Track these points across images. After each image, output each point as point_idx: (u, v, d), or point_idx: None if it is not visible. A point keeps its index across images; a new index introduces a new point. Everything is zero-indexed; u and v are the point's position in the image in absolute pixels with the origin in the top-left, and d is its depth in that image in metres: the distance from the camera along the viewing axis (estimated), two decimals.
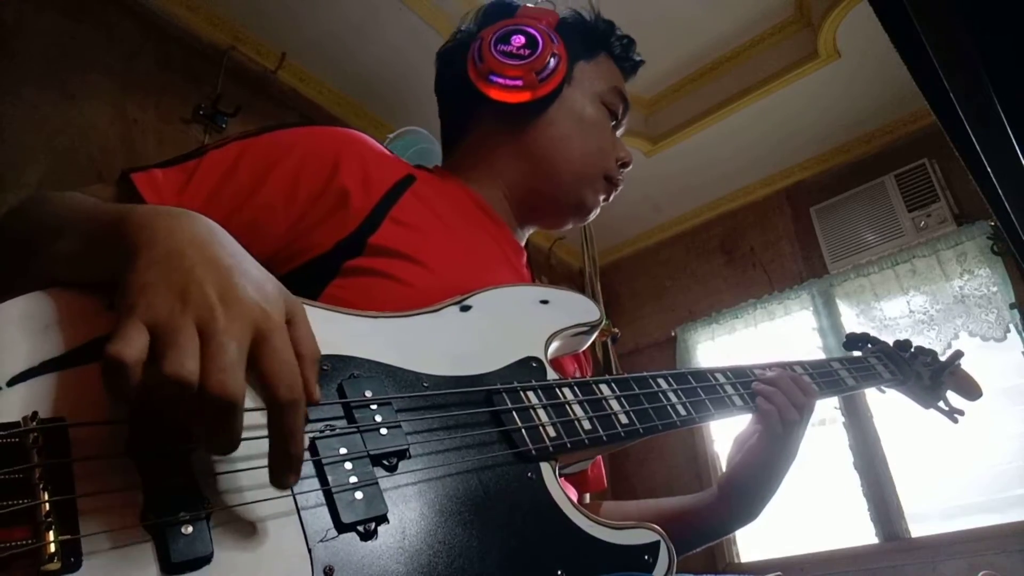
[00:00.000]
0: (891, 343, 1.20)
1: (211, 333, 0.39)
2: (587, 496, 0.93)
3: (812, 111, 3.35)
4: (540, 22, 0.90)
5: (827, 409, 3.30)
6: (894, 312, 3.22)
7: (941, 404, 1.18)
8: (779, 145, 3.57)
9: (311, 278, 0.69)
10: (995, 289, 2.98)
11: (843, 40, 2.93)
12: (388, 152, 0.83)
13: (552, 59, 0.87)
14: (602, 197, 0.94)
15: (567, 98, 0.90)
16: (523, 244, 0.96)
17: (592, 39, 0.95)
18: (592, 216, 0.95)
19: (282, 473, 0.42)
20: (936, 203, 3.20)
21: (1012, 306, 2.91)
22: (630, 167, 0.95)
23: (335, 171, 0.72)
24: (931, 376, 1.16)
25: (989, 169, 0.65)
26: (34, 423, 0.39)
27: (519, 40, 0.87)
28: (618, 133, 0.98)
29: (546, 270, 4.03)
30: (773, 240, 3.78)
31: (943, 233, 3.16)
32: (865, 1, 0.61)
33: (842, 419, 3.26)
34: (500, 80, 0.86)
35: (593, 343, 0.81)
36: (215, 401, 0.38)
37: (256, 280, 0.45)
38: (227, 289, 0.42)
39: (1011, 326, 2.91)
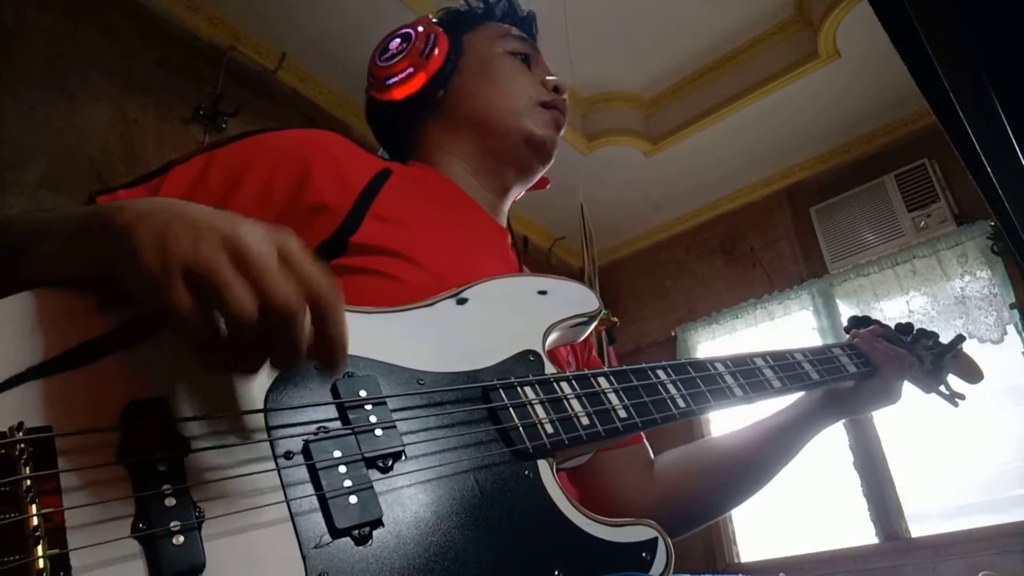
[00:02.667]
0: (892, 326, 1.18)
1: (244, 253, 0.41)
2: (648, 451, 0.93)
3: (812, 111, 3.34)
4: (412, 25, 0.96)
5: None
6: (894, 312, 3.22)
7: (942, 388, 1.16)
8: (779, 145, 3.57)
9: None
10: (995, 290, 2.98)
11: (843, 40, 2.92)
12: (361, 149, 0.84)
13: (430, 36, 0.93)
14: (552, 126, 0.95)
15: (466, 65, 0.95)
16: (504, 224, 0.96)
17: (469, 17, 1.01)
18: (551, 148, 0.95)
19: (335, 365, 0.45)
20: (936, 203, 3.20)
21: (1012, 306, 2.91)
22: (565, 91, 0.98)
23: (308, 173, 0.71)
24: (933, 360, 1.14)
25: (989, 169, 0.65)
26: (20, 433, 0.38)
27: (395, 43, 0.95)
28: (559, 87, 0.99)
29: (546, 270, 4.01)
30: (773, 240, 3.78)
31: (943, 233, 3.15)
32: (865, 1, 0.61)
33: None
34: (394, 80, 0.92)
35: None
36: (282, 313, 0.40)
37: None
38: (231, 217, 0.44)
39: (1010, 326, 2.90)
